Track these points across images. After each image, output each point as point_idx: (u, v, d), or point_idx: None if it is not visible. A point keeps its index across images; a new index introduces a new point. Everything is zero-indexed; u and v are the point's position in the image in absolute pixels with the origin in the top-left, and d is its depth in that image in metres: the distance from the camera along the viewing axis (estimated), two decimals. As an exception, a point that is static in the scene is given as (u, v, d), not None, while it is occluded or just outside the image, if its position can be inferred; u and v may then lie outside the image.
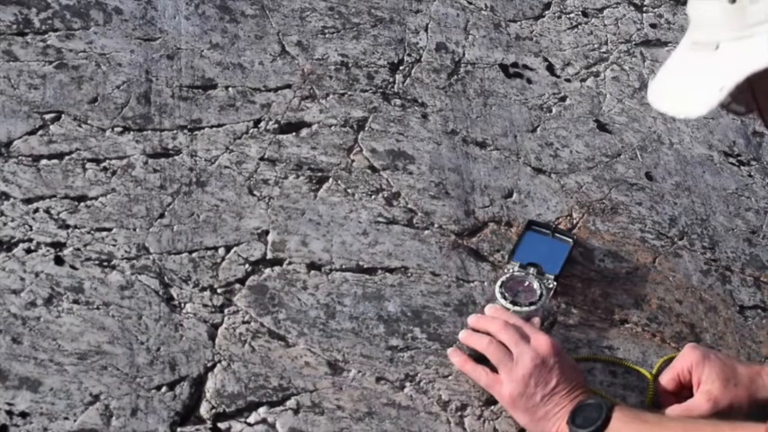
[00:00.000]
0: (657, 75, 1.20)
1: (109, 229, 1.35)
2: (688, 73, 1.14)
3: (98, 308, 1.26)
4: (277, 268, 1.38)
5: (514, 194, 1.60)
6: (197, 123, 1.52)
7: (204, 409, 1.21)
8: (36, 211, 1.34)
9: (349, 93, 1.65)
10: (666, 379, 1.34)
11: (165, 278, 1.32)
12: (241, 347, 1.28)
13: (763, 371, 1.31)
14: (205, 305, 1.31)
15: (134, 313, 1.27)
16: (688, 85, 1.13)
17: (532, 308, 1.37)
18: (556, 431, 1.23)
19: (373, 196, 1.52)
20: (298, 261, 1.40)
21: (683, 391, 1.34)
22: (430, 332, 1.37)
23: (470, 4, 1.89)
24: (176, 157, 1.46)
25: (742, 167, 1.79)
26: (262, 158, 1.51)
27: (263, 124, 1.56)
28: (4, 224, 1.31)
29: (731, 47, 1.07)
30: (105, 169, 1.41)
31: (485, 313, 1.35)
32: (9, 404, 1.15)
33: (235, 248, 1.38)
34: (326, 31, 1.73)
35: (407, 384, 1.31)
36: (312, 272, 1.39)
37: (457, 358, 1.32)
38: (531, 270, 1.43)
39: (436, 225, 1.51)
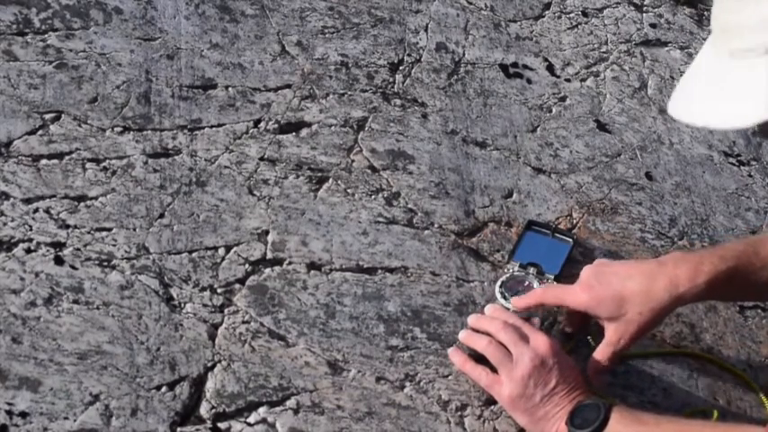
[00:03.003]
0: (684, 88, 1.13)
1: (109, 229, 1.35)
2: (729, 83, 1.06)
3: (98, 308, 1.26)
4: (277, 268, 1.38)
5: (514, 194, 1.60)
6: (197, 123, 1.52)
7: (204, 409, 1.22)
8: (36, 211, 1.34)
9: (349, 93, 1.65)
10: (552, 303, 1.36)
11: (165, 278, 1.32)
12: (241, 347, 1.28)
13: (656, 283, 1.27)
14: (205, 305, 1.31)
15: (134, 313, 1.27)
16: (730, 96, 1.05)
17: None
18: (555, 431, 1.23)
19: (373, 196, 1.52)
20: (298, 261, 1.40)
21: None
22: (430, 332, 1.37)
23: (470, 4, 1.89)
24: (176, 157, 1.47)
25: (742, 167, 1.79)
26: (262, 158, 1.51)
27: (263, 124, 1.56)
28: (4, 224, 1.31)
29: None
30: (105, 169, 1.41)
31: (485, 313, 1.35)
32: (9, 404, 1.15)
33: (235, 248, 1.38)
34: (326, 30, 1.73)
35: (407, 384, 1.31)
36: (312, 272, 1.39)
37: (457, 358, 1.33)
38: (531, 270, 1.43)
39: (436, 225, 1.51)
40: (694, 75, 1.13)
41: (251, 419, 1.22)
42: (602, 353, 1.31)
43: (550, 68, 1.83)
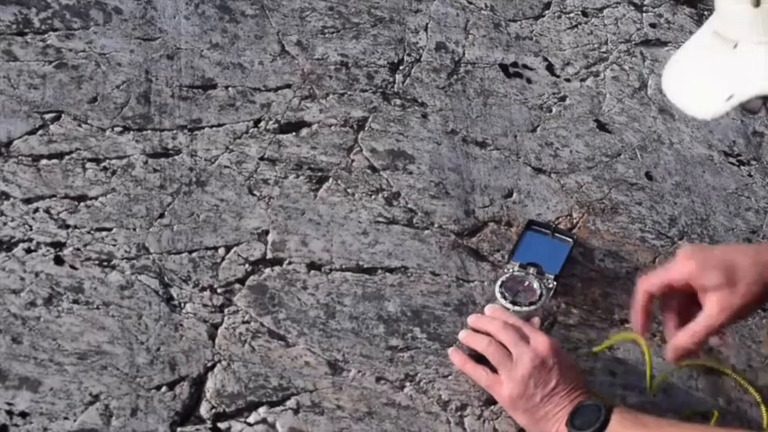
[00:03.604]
0: (675, 58, 1.18)
1: (109, 229, 1.35)
2: (703, 68, 1.11)
3: (98, 308, 1.26)
4: (277, 268, 1.38)
5: (514, 194, 1.60)
6: (197, 123, 1.52)
7: (204, 409, 1.22)
8: (36, 210, 1.34)
9: (349, 93, 1.65)
10: (657, 286, 1.29)
11: (165, 278, 1.32)
12: (241, 347, 1.28)
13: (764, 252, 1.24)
14: (205, 305, 1.31)
15: (134, 313, 1.27)
16: (702, 84, 1.11)
17: (532, 308, 1.37)
18: None
19: (373, 196, 1.52)
20: (298, 261, 1.40)
21: (682, 306, 1.29)
22: (430, 332, 1.37)
23: (470, 3, 1.89)
24: (176, 157, 1.46)
25: (742, 167, 1.79)
26: (262, 158, 1.51)
27: (263, 124, 1.56)
28: (4, 224, 1.31)
29: (750, 50, 1.05)
30: (105, 169, 1.41)
31: (485, 313, 1.35)
32: (9, 404, 1.15)
33: (235, 248, 1.38)
34: (326, 30, 1.73)
35: (407, 384, 1.31)
36: (312, 272, 1.39)
37: (457, 358, 1.32)
38: (531, 270, 1.43)
39: (436, 225, 1.51)
40: (687, 43, 1.16)
41: (251, 419, 1.22)
42: (699, 325, 1.23)
43: (550, 68, 1.83)
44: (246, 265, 1.37)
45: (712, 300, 1.23)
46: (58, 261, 1.30)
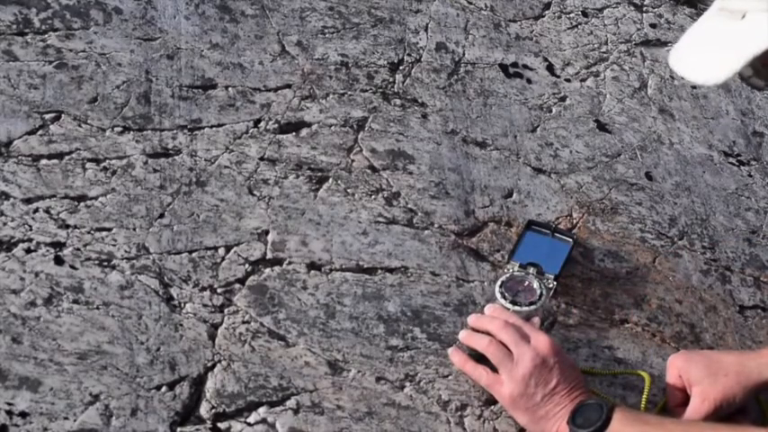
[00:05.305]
0: (681, 39, 1.20)
1: (109, 229, 1.35)
2: (711, 40, 1.14)
3: (98, 308, 1.26)
4: (277, 268, 1.38)
5: (514, 194, 1.60)
6: (197, 123, 1.52)
7: (204, 409, 1.21)
8: (36, 210, 1.34)
9: (349, 93, 1.65)
10: (671, 394, 1.34)
11: (165, 278, 1.32)
12: (241, 347, 1.28)
13: (750, 357, 1.31)
14: (205, 305, 1.31)
15: (134, 313, 1.27)
16: (709, 52, 1.13)
17: (532, 308, 1.37)
18: (556, 431, 1.23)
19: (373, 196, 1.52)
20: (298, 261, 1.40)
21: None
22: (430, 332, 1.37)
23: (470, 4, 1.89)
24: (176, 157, 1.46)
25: (742, 167, 1.79)
26: (262, 158, 1.51)
27: (263, 124, 1.56)
28: (4, 224, 1.31)
29: (758, 17, 1.06)
30: (105, 169, 1.41)
31: (485, 313, 1.35)
32: (9, 404, 1.15)
33: (235, 248, 1.38)
34: (326, 30, 1.73)
35: (407, 384, 1.31)
36: (312, 272, 1.39)
37: (457, 358, 1.33)
38: (531, 270, 1.43)
39: (436, 225, 1.51)
40: (693, 26, 1.19)
41: (251, 419, 1.22)
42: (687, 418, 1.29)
43: (550, 68, 1.83)
44: (246, 265, 1.37)
45: (695, 392, 1.29)
46: (58, 261, 1.30)
